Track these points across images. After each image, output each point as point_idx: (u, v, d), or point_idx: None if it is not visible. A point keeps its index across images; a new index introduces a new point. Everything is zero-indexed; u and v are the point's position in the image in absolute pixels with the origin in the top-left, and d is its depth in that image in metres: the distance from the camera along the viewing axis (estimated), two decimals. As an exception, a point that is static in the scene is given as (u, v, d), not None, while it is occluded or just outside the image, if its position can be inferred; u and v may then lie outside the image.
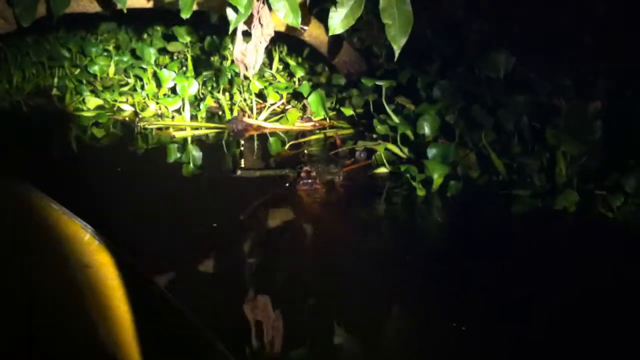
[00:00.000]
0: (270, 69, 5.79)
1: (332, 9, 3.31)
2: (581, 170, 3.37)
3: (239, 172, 3.87)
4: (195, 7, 3.54)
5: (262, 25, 3.56)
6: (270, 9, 3.48)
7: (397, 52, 3.34)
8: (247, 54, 3.63)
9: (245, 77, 4.44)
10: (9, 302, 1.68)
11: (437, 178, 3.58)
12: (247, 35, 3.63)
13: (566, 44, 4.38)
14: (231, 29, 3.42)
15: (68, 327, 1.71)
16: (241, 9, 3.30)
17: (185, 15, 3.44)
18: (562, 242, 3.08)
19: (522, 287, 2.67)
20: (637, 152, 3.32)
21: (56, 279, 1.83)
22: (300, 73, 5.45)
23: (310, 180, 3.77)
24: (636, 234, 3.07)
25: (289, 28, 4.10)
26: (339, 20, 3.35)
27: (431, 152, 3.63)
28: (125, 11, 3.62)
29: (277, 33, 3.73)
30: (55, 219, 1.97)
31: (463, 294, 2.58)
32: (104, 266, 1.84)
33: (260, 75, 5.51)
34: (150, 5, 3.97)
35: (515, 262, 2.90)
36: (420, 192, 3.60)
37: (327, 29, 3.41)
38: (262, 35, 3.57)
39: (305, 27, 4.30)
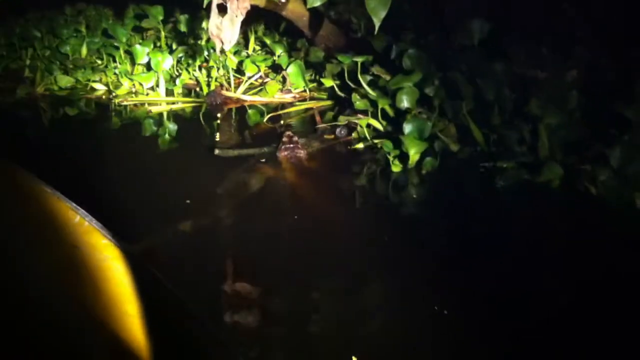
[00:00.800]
0: (247, 49, 5.74)
1: (311, -19, 3.26)
2: (564, 142, 3.35)
3: (217, 152, 3.80)
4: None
5: (237, -1, 3.51)
6: (246, -19, 3.44)
7: (377, 25, 3.31)
8: (222, 28, 3.58)
9: (222, 52, 4.39)
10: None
11: (414, 154, 3.55)
12: (222, 9, 3.58)
13: (542, 12, 4.36)
14: (205, 1, 3.37)
15: (59, 307, 1.76)
16: (216, -18, 3.26)
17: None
18: (546, 220, 3.03)
19: (506, 269, 2.62)
20: (619, 122, 3.31)
21: (46, 259, 1.87)
22: (279, 50, 5.40)
23: (292, 145, 3.76)
24: (619, 209, 3.03)
25: (267, 2, 4.06)
26: (316, -7, 3.32)
27: (407, 127, 3.59)
28: None
29: (253, 8, 3.69)
30: (45, 199, 1.97)
31: (443, 278, 2.54)
32: (94, 248, 1.86)
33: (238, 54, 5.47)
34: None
35: (496, 242, 2.85)
36: (396, 168, 3.57)
37: (305, 2, 3.37)
38: (237, 8, 3.54)
39: (283, 0, 4.25)
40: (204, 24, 5.34)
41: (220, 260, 2.69)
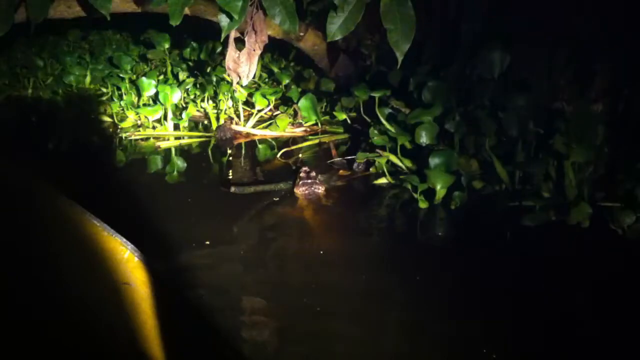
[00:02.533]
0: (254, 77, 5.60)
1: (332, 14, 3.15)
2: (592, 179, 3.24)
3: (233, 189, 3.66)
4: (186, 11, 3.36)
5: (255, 32, 3.41)
6: (265, 14, 3.32)
7: (400, 58, 3.20)
8: (239, 62, 3.47)
9: (240, 86, 4.26)
10: (58, 317, 1.70)
11: (440, 189, 3.42)
12: (239, 42, 3.47)
13: (561, 42, 4.28)
14: (223, 36, 3.24)
15: (111, 343, 1.75)
16: (235, 15, 3.12)
17: (175, 22, 3.22)
18: (579, 263, 2.93)
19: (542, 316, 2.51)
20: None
21: (98, 296, 1.88)
22: (286, 79, 5.31)
23: (310, 181, 3.62)
24: None
25: (283, 34, 3.96)
26: (338, 25, 3.20)
27: (433, 160, 3.46)
28: (108, 18, 3.36)
29: (271, 40, 3.58)
30: (95, 234, 2.00)
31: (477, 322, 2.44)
32: (143, 284, 1.90)
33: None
34: (134, 9, 3.79)
35: (531, 287, 2.73)
36: (423, 204, 3.44)
37: (323, 35, 3.26)
38: (255, 42, 3.43)
39: (302, 33, 4.15)
40: (213, 51, 5.25)
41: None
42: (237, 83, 3.59)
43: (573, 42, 4.07)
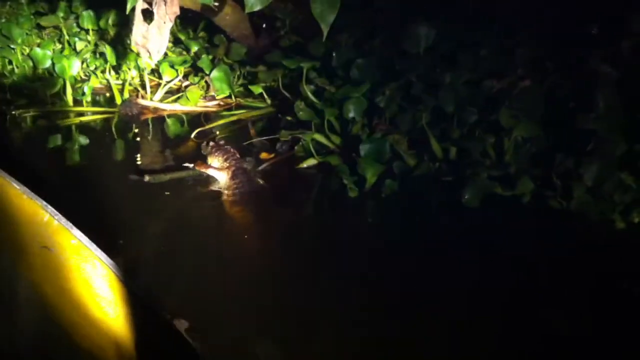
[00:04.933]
0: (160, 48, 5.16)
1: (251, -17, 2.83)
2: (532, 154, 3.11)
3: (147, 178, 3.32)
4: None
5: (165, 2, 3.04)
6: (175, -16, 2.97)
7: (325, 30, 2.92)
8: (149, 37, 3.10)
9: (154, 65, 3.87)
10: None
11: (371, 177, 3.23)
12: (148, 15, 3.10)
13: (481, 15, 4.11)
14: (129, 7, 2.88)
15: (27, 310, 1.78)
16: (143, -15, 2.77)
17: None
18: (522, 239, 2.83)
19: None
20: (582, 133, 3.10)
21: (15, 260, 1.87)
22: (195, 47, 4.89)
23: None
24: (593, 225, 2.86)
25: (195, 5, 3.59)
26: (258, -4, 2.90)
27: (364, 148, 3.26)
28: None
29: (182, 11, 3.22)
30: (14, 197, 1.93)
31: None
32: (64, 249, 1.82)
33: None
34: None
35: (470, 272, 2.62)
36: (353, 193, 3.23)
37: (236, 4, 2.93)
38: (166, 14, 3.06)
39: (216, 3, 3.77)
40: (110, 19, 4.79)
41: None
42: (148, 59, 3.22)
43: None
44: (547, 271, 2.63)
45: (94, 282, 1.83)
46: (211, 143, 3.63)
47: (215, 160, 3.51)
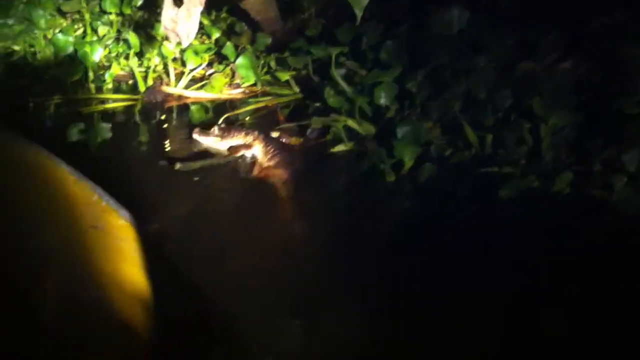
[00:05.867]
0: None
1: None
2: (570, 143, 3.02)
3: (178, 166, 3.25)
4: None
5: (196, -15, 2.96)
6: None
7: (359, 14, 2.89)
8: (178, 20, 3.03)
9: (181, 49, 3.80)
10: (22, 262, 1.72)
11: (408, 160, 3.16)
12: (177, -1, 3.03)
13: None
14: (160, -11, 2.80)
15: (77, 289, 1.77)
16: (174, -33, 2.69)
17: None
18: (564, 235, 2.72)
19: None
20: (620, 118, 3.01)
21: (65, 239, 1.87)
22: (216, 33, 4.80)
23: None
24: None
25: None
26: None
27: (401, 130, 3.18)
28: None
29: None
30: (63, 179, 2.01)
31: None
32: (112, 228, 1.91)
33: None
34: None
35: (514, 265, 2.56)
36: (390, 177, 3.16)
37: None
38: (196, -3, 2.98)
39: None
40: (134, 3, 4.71)
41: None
42: (177, 44, 3.15)
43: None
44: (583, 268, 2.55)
45: (139, 260, 1.87)
46: (216, 129, 3.58)
47: (235, 141, 3.47)
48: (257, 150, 3.42)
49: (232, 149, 3.40)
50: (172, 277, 2.24)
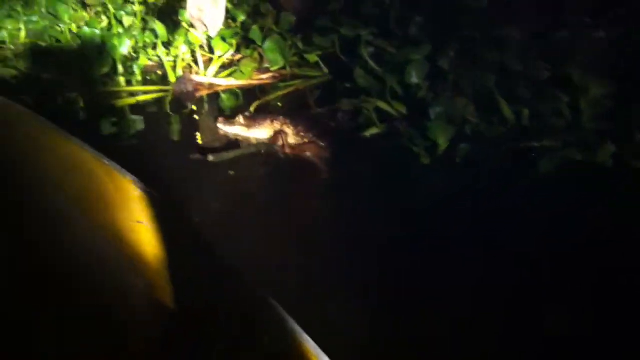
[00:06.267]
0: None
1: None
2: (610, 113, 2.92)
3: (211, 158, 3.24)
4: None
5: (221, -28, 2.91)
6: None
7: None
8: (204, 8, 2.98)
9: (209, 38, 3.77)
10: (69, 260, 1.69)
11: (443, 142, 3.10)
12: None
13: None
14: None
15: (125, 283, 1.72)
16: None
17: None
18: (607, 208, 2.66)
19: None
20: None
21: (110, 235, 1.83)
22: (242, 16, 4.74)
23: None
24: None
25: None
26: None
27: (434, 111, 3.13)
28: None
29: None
30: (106, 173, 1.99)
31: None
32: (157, 222, 1.84)
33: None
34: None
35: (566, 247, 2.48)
36: (425, 160, 3.11)
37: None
38: (221, -16, 2.93)
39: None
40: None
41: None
42: (204, 33, 3.10)
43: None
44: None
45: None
46: (241, 117, 3.56)
47: (263, 130, 3.44)
48: (289, 134, 3.39)
49: (271, 139, 3.38)
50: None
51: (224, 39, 4.50)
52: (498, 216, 2.71)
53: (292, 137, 3.40)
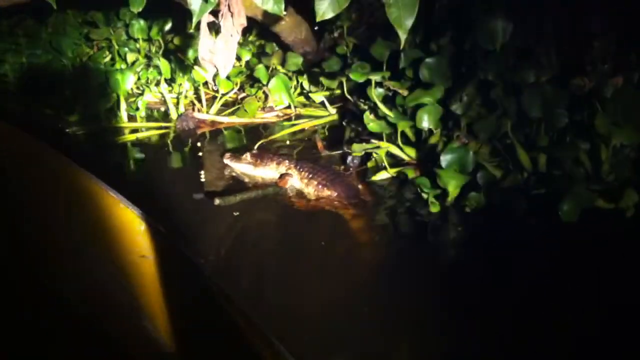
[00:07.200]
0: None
1: (321, -10, 2.60)
2: (633, 162, 2.84)
3: (217, 202, 3.11)
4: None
5: (232, 14, 2.84)
6: (241, -7, 2.77)
7: (402, 37, 2.67)
8: (215, 51, 2.91)
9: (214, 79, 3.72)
10: (74, 290, 1.82)
11: (454, 190, 3.00)
12: (213, 27, 2.91)
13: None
14: (195, 21, 2.67)
15: (127, 318, 1.85)
16: (208, -4, 2.56)
17: (136, 8, 2.65)
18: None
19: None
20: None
21: (115, 268, 1.94)
22: (247, 55, 4.68)
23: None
24: None
25: (264, 16, 3.39)
26: (329, 2, 2.66)
27: (446, 158, 3.01)
28: (55, 6, 2.69)
29: (249, 22, 3.03)
30: (111, 206, 2.00)
31: None
32: (161, 257, 1.89)
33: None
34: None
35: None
36: (435, 208, 3.01)
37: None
38: (233, 26, 2.86)
39: (285, 13, 3.56)
40: (166, 26, 4.61)
41: None
42: (215, 75, 3.04)
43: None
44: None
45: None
46: (248, 155, 3.49)
47: (269, 170, 3.36)
48: (296, 181, 3.30)
49: (280, 181, 3.30)
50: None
51: (228, 77, 4.43)
52: (505, 268, 2.62)
53: (298, 181, 3.32)
